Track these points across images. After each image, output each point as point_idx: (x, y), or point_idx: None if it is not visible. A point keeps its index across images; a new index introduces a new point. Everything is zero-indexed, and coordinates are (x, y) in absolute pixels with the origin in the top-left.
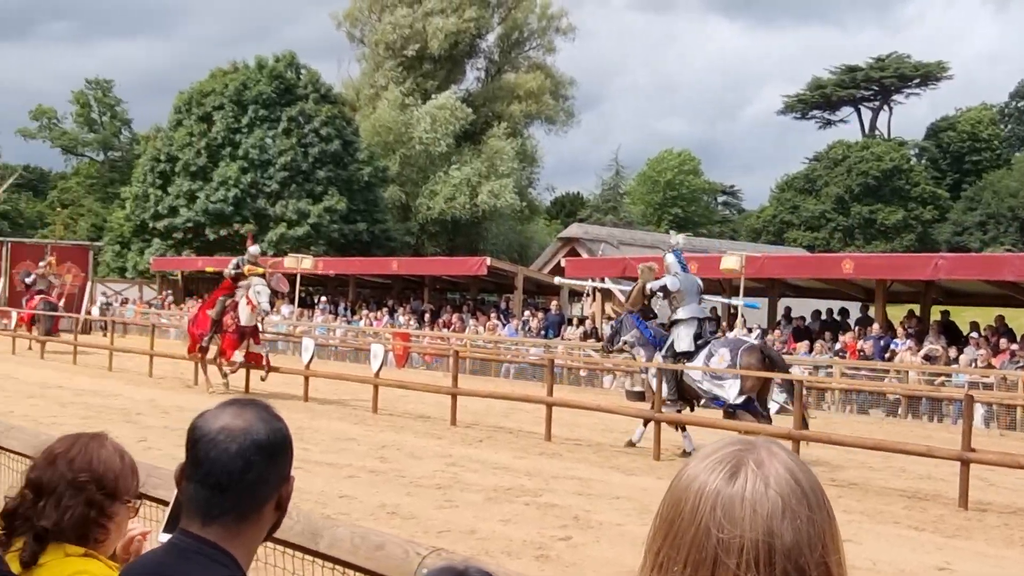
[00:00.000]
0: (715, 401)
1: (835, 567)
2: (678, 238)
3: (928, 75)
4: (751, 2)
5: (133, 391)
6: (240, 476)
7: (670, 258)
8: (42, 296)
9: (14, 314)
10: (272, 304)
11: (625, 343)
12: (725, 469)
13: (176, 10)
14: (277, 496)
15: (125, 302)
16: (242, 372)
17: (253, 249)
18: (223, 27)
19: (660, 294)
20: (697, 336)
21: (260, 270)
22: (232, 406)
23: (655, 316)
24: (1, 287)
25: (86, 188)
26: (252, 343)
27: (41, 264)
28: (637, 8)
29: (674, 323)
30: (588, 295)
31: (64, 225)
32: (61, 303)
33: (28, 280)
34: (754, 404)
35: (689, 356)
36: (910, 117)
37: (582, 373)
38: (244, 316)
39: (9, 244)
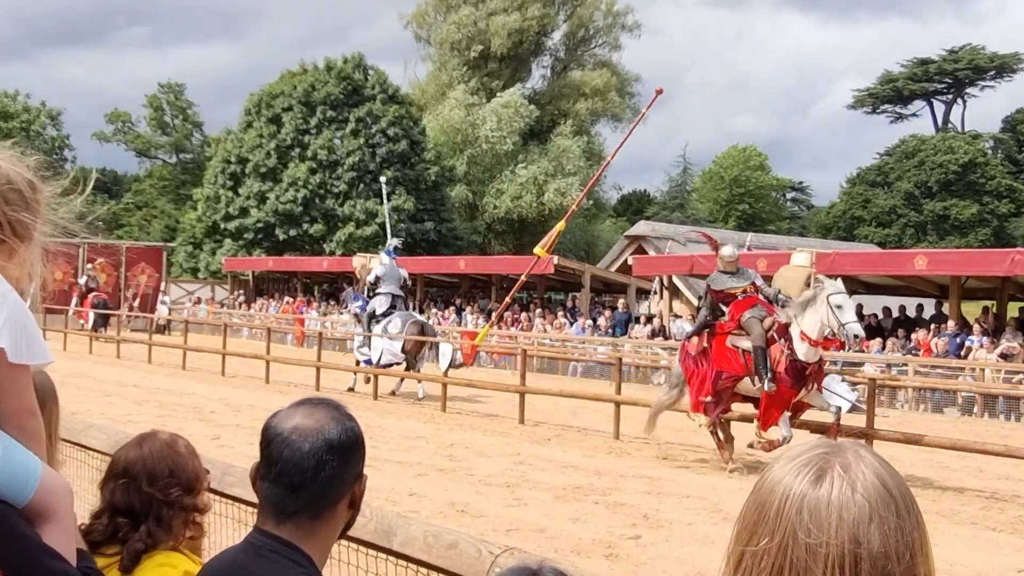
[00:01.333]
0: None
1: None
2: (393, 242)
3: (1004, 66)
4: None
5: (206, 389)
6: (313, 475)
7: (384, 256)
8: (95, 294)
9: (91, 314)
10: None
11: (351, 311)
12: (811, 472)
13: (250, 14)
14: (350, 494)
15: (198, 302)
16: (312, 371)
17: (727, 251)
18: (296, 30)
19: (374, 279)
20: (392, 307)
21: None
22: (304, 405)
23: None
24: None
25: (159, 190)
26: (809, 391)
27: (89, 266)
28: (709, 4)
29: (375, 295)
30: (655, 293)
31: (97, 218)
32: (136, 303)
33: (82, 281)
34: (410, 358)
35: (380, 318)
36: (986, 109)
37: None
38: (802, 347)
39: (85, 245)
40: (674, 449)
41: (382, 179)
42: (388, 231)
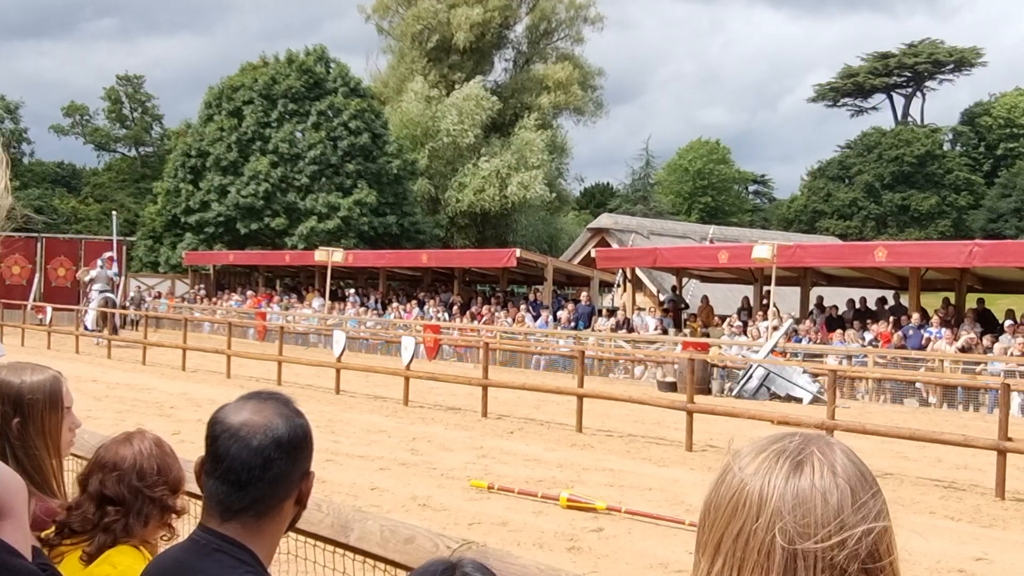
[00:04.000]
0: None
1: (895, 556)
2: (106, 255)
3: (962, 61)
4: None
5: (167, 384)
6: (260, 473)
7: (98, 263)
8: None
9: (49, 309)
10: None
11: (89, 298)
12: (788, 461)
13: (219, 5)
14: (297, 492)
15: (158, 296)
16: (273, 365)
17: None
18: (265, 22)
19: (89, 280)
20: (102, 292)
21: None
22: (252, 400)
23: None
24: (36, 283)
25: (118, 183)
26: None
27: None
28: None
29: (92, 290)
30: (619, 286)
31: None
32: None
33: None
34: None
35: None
36: (949, 103)
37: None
38: None
39: (44, 240)
40: (636, 442)
41: (113, 214)
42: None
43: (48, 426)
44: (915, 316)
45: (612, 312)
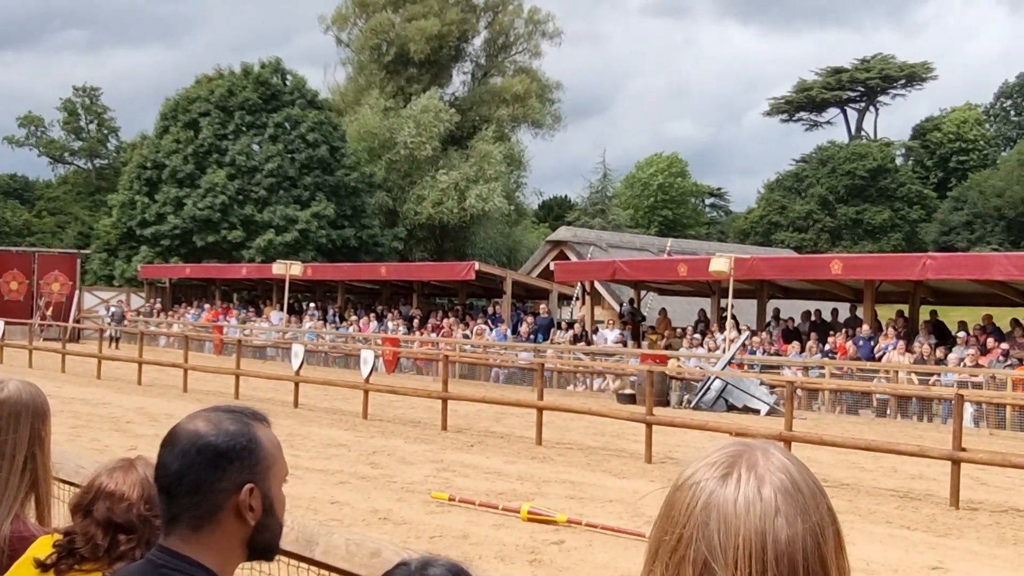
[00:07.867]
0: None
1: (834, 570)
2: None
3: (913, 76)
4: (767, 6)
5: (122, 399)
6: (178, 479)
7: None
8: None
9: (1, 323)
10: None
11: None
12: (718, 470)
13: (189, 19)
14: (232, 505)
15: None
16: (231, 379)
17: None
18: (235, 36)
19: None
20: None
21: None
22: (208, 410)
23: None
24: None
25: (73, 196)
26: None
27: None
28: (652, 13)
29: None
30: (577, 299)
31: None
32: (49, 312)
33: None
34: None
35: None
36: (905, 116)
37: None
38: None
39: None
40: (596, 454)
41: None
42: None
43: (20, 438)
44: (865, 327)
45: (571, 325)
